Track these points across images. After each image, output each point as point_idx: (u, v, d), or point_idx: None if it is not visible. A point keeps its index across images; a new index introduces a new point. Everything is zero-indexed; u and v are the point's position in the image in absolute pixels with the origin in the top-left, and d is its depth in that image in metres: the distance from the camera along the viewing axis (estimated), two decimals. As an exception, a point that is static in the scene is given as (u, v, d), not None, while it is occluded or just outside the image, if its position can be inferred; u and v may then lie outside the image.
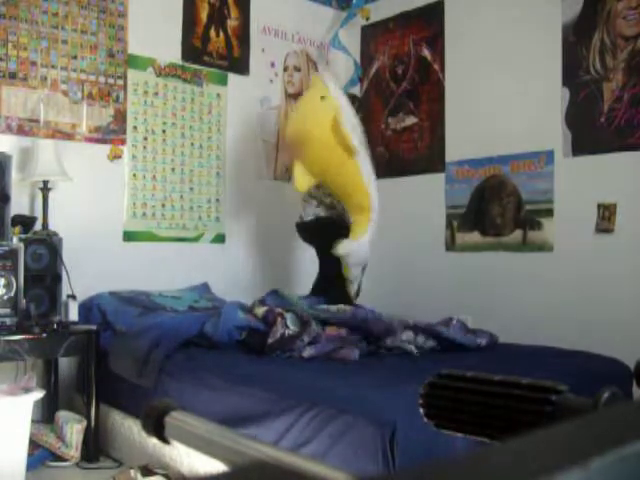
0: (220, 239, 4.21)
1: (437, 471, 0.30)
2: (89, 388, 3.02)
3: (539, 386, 0.53)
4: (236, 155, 4.30)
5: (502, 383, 0.56)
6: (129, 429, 2.94)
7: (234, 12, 4.32)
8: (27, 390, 2.78)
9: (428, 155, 4.36)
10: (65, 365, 3.42)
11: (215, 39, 4.21)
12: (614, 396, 0.50)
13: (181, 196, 4.05)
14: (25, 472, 2.66)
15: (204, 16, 4.17)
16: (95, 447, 3.00)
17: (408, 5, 4.49)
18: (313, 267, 4.01)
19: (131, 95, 3.83)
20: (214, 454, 0.54)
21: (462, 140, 4.15)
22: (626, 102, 3.42)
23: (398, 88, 4.57)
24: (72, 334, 3.03)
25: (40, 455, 2.90)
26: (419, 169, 4.40)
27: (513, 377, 0.55)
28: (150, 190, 3.92)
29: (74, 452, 2.93)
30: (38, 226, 3.33)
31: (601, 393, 0.50)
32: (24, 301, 2.95)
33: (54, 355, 3.09)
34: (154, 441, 1.90)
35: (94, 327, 3.16)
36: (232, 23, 4.31)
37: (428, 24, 4.38)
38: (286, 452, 0.48)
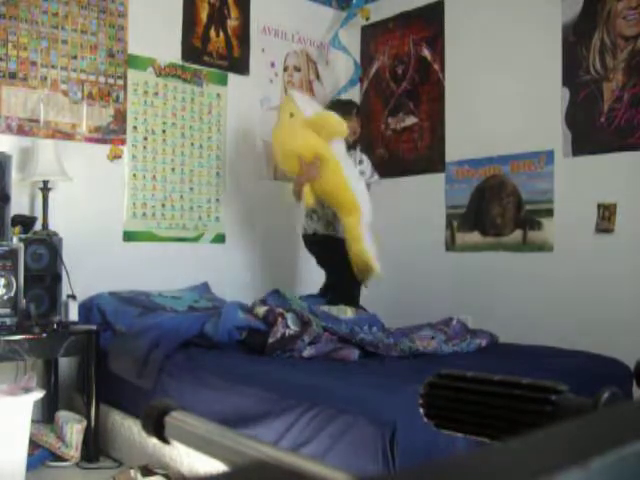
0: (220, 239, 4.21)
1: (437, 471, 0.30)
2: (89, 388, 3.02)
3: (539, 386, 0.53)
4: (236, 155, 4.30)
5: (502, 383, 0.56)
6: (129, 429, 2.94)
7: (234, 12, 4.32)
8: (27, 390, 2.78)
9: (428, 155, 4.36)
10: (65, 365, 3.42)
11: (215, 39, 4.21)
12: (614, 396, 0.50)
13: (181, 196, 4.05)
14: (25, 472, 2.66)
15: (204, 16, 4.17)
16: (95, 447, 3.00)
17: (408, 5, 4.49)
18: (313, 267, 4.01)
19: (131, 95, 3.83)
20: (214, 454, 0.54)
21: (462, 140, 4.15)
22: (626, 102, 3.42)
23: (398, 88, 4.57)
24: (72, 334, 3.03)
25: (40, 455, 2.90)
26: (419, 169, 4.40)
27: (513, 377, 0.55)
28: (150, 190, 3.92)
29: (74, 452, 2.93)
30: (38, 226, 3.33)
31: (601, 393, 0.50)
32: (24, 301, 2.95)
33: (54, 355, 3.09)
34: (154, 441, 1.91)
35: (94, 327, 3.16)
36: (232, 23, 4.31)
37: (428, 24, 4.38)
38: (286, 452, 0.48)
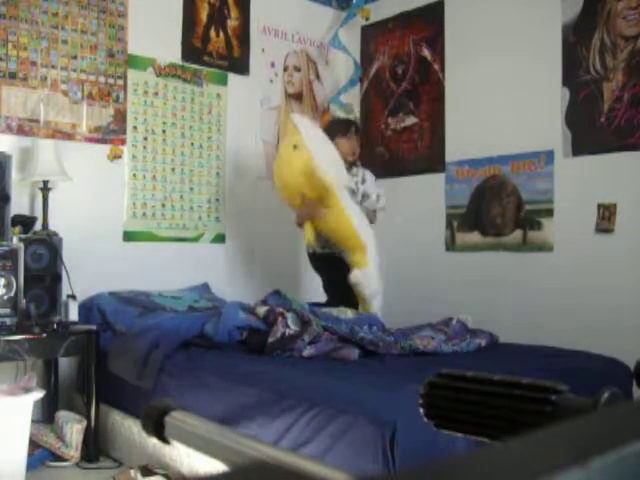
0: (220, 239, 4.21)
1: (437, 471, 0.30)
2: (89, 388, 3.02)
3: (539, 386, 0.53)
4: (236, 155, 4.30)
5: (502, 383, 0.56)
6: (129, 429, 2.94)
7: (234, 12, 4.32)
8: (27, 390, 2.78)
9: (428, 155, 4.36)
10: (65, 365, 3.42)
11: (215, 39, 4.21)
12: (614, 396, 0.50)
13: (181, 196, 4.05)
14: (25, 472, 2.66)
15: (204, 16, 4.17)
16: (95, 447, 3.00)
17: (408, 5, 4.49)
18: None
19: (131, 95, 3.83)
20: (214, 454, 0.54)
21: (462, 140, 4.15)
22: (626, 102, 3.42)
23: (398, 88, 4.57)
24: (72, 334, 3.03)
25: (40, 455, 2.90)
26: (419, 169, 4.40)
27: (513, 377, 0.55)
28: (150, 190, 3.92)
29: (74, 452, 2.93)
30: (38, 226, 3.33)
31: (601, 393, 0.50)
32: (24, 301, 2.95)
33: (54, 355, 3.09)
34: (154, 441, 1.90)
35: (94, 327, 3.16)
36: (232, 23, 4.30)
37: (428, 24, 4.38)
38: (286, 452, 0.48)
